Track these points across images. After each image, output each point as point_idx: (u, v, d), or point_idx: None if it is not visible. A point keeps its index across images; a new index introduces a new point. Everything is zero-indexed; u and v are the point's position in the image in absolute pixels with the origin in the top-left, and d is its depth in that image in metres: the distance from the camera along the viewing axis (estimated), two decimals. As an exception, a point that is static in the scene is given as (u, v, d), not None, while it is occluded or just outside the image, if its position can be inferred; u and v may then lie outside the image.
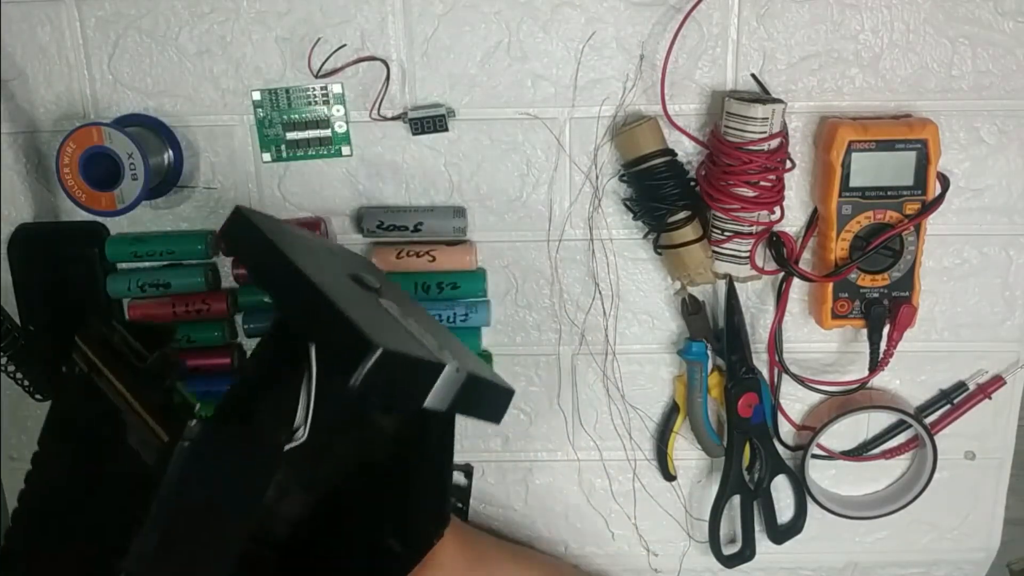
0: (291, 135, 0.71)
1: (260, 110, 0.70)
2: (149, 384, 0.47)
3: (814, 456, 0.75)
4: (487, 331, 0.75)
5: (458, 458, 0.77)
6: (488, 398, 0.54)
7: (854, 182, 0.66)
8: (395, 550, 0.55)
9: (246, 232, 0.51)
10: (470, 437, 0.78)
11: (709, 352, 0.73)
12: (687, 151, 0.70)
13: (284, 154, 0.71)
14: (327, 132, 0.70)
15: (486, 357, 0.75)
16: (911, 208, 0.67)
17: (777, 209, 0.69)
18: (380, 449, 0.59)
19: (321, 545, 0.57)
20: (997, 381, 0.74)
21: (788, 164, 0.68)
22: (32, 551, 0.50)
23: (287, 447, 0.46)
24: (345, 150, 0.71)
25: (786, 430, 0.76)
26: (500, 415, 0.54)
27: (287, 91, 0.70)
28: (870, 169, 0.66)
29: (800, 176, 0.71)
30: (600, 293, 0.73)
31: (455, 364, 0.48)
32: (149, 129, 0.70)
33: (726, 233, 0.68)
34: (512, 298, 0.74)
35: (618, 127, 0.69)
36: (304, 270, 0.46)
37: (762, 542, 0.77)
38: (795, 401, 0.76)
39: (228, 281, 0.74)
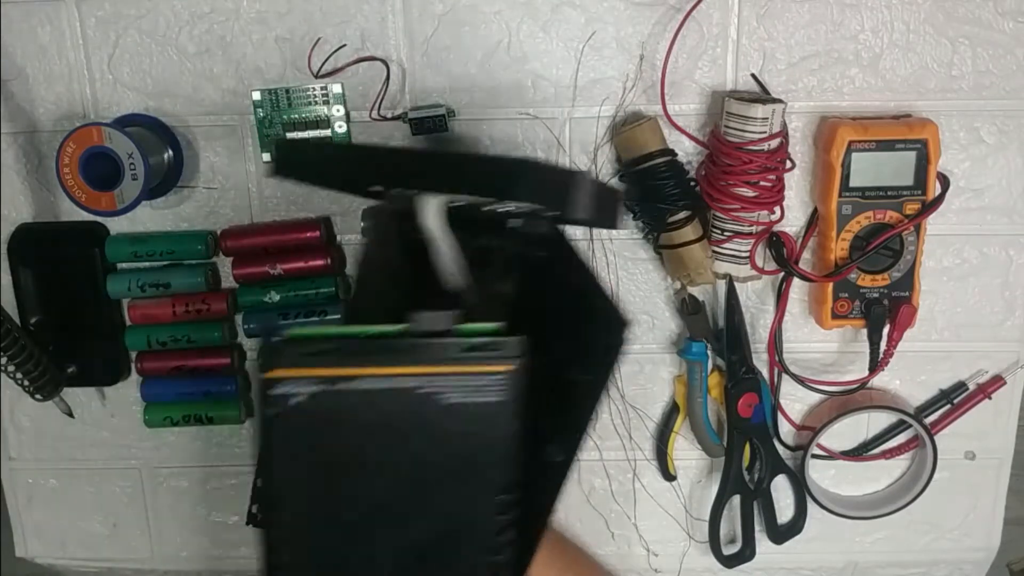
0: (291, 135, 0.70)
1: (260, 110, 0.70)
2: None
3: (814, 456, 0.75)
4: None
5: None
6: (608, 199, 0.52)
7: (854, 182, 0.66)
8: (556, 458, 0.50)
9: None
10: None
11: (709, 352, 0.73)
12: (687, 151, 0.70)
13: (284, 154, 0.71)
14: (327, 132, 0.70)
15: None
16: (911, 208, 0.67)
17: (777, 209, 0.69)
18: None
19: None
20: (997, 381, 0.74)
21: (788, 164, 0.68)
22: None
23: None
24: (345, 150, 0.71)
25: (786, 430, 0.76)
26: (619, 218, 0.52)
27: (287, 91, 0.70)
28: (870, 169, 0.66)
29: (800, 176, 0.71)
30: (600, 293, 0.73)
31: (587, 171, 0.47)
32: (149, 129, 0.70)
33: (726, 233, 0.68)
34: (512, 298, 0.74)
35: (618, 127, 0.69)
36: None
37: (762, 542, 0.77)
38: (795, 401, 0.76)
39: (228, 281, 0.74)
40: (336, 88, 0.69)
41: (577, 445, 0.51)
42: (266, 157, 0.71)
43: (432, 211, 0.46)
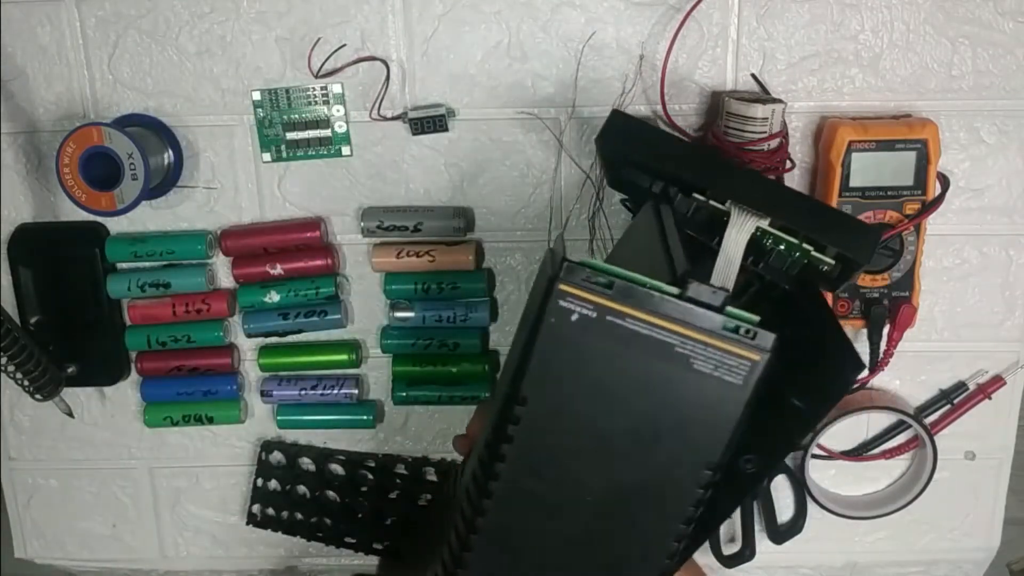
0: (291, 135, 0.70)
1: (260, 110, 0.70)
2: None
3: (814, 456, 0.75)
4: (495, 331, 0.75)
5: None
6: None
7: (854, 182, 0.66)
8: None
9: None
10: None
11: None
12: (687, 151, 0.70)
13: (284, 154, 0.71)
14: (327, 132, 0.70)
15: (492, 358, 0.75)
16: (911, 208, 0.67)
17: (777, 209, 0.69)
18: None
19: None
20: (997, 381, 0.74)
21: (788, 164, 0.68)
22: None
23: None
24: (345, 150, 0.71)
25: (786, 430, 0.76)
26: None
27: (287, 91, 0.70)
28: (870, 169, 0.66)
29: (800, 176, 0.71)
30: (600, 293, 0.73)
31: None
32: (149, 129, 0.70)
33: (726, 233, 0.68)
34: (517, 298, 0.74)
35: (618, 127, 0.69)
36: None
37: (762, 542, 0.77)
38: (795, 401, 0.76)
39: (228, 281, 0.74)
40: (336, 88, 0.69)
41: (771, 465, 0.55)
42: (266, 157, 0.71)
43: (744, 229, 0.52)
